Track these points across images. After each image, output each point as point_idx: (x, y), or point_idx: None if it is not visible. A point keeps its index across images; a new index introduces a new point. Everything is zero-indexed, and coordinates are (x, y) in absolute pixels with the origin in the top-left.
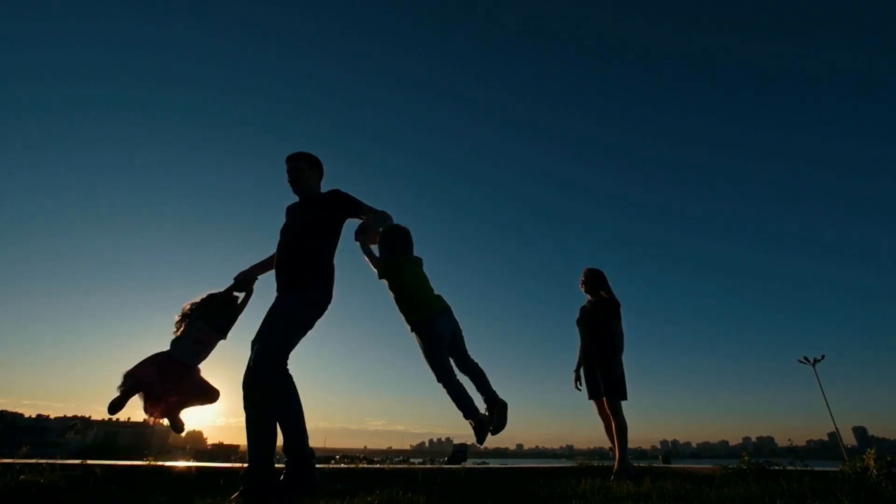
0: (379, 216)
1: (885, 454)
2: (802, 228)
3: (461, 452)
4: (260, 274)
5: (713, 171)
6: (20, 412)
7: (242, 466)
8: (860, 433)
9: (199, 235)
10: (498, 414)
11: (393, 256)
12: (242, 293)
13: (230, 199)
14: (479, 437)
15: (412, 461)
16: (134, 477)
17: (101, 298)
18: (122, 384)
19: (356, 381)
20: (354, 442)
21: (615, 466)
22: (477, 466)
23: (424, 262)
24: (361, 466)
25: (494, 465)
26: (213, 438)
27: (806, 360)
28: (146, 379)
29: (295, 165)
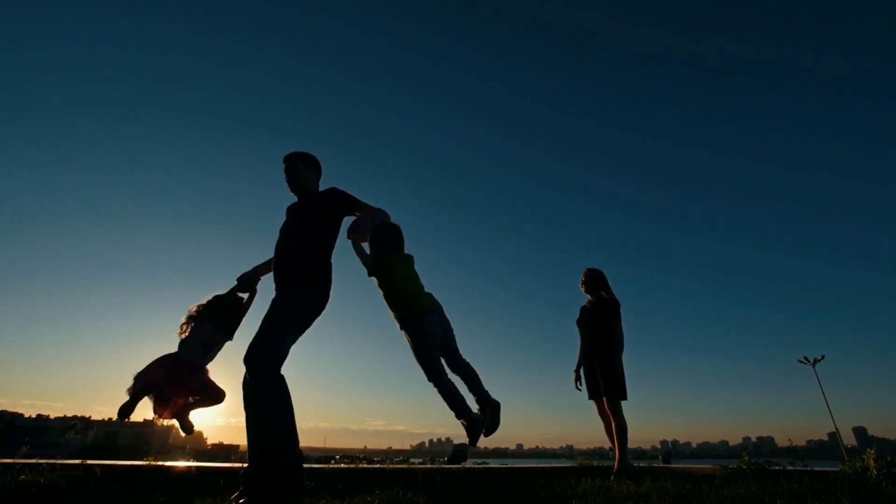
0: (374, 214)
1: (885, 454)
2: (802, 228)
3: (461, 452)
4: (263, 274)
5: (713, 171)
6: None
7: (242, 466)
8: (860, 433)
9: (199, 235)
10: (491, 414)
11: (383, 254)
12: (246, 294)
13: (230, 199)
14: (471, 437)
15: (412, 461)
16: (134, 477)
17: (101, 298)
18: (131, 387)
19: (356, 381)
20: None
21: (615, 466)
22: (477, 466)
23: (425, 261)
24: (361, 466)
25: (494, 465)
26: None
27: (806, 360)
28: (155, 381)
29: (292, 165)
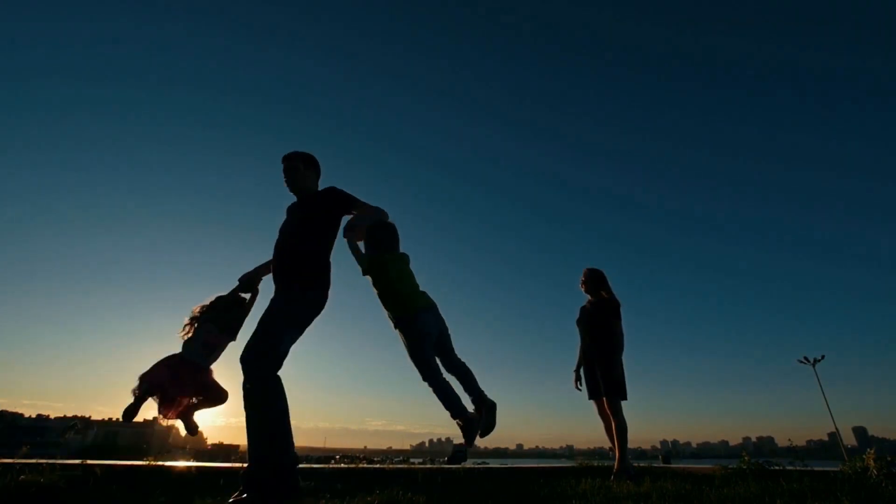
0: (372, 212)
1: (885, 454)
2: (802, 228)
3: (461, 452)
4: (264, 275)
5: (713, 171)
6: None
7: (242, 466)
8: (860, 433)
9: (199, 235)
10: (487, 414)
11: (378, 253)
12: (248, 294)
13: (230, 199)
14: (467, 437)
15: (412, 461)
16: (134, 477)
17: (101, 298)
18: (136, 387)
19: (356, 381)
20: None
21: (615, 466)
22: (477, 466)
23: (425, 261)
24: (361, 466)
25: (494, 465)
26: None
27: (806, 360)
28: (160, 381)
29: (290, 165)
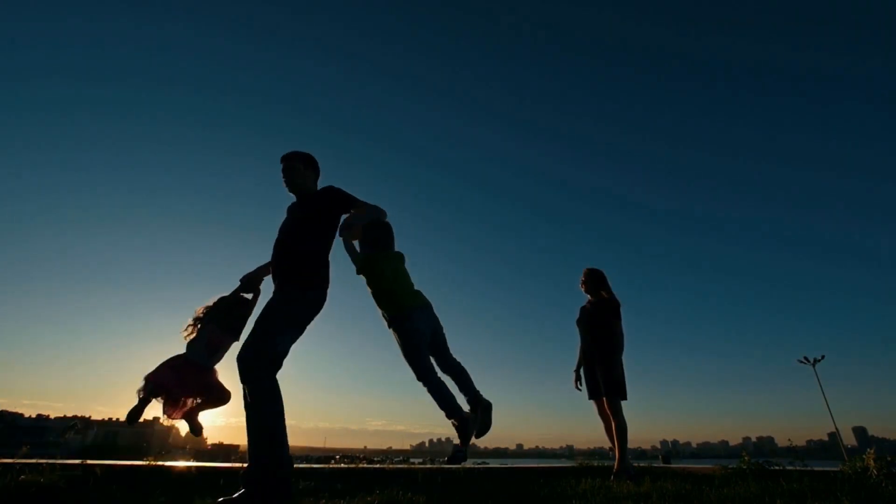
0: (371, 211)
1: (885, 454)
2: (802, 228)
3: (461, 452)
4: (266, 275)
5: (713, 170)
6: (20, 412)
7: (242, 466)
8: (860, 433)
9: (199, 235)
10: (482, 415)
11: (373, 251)
12: (250, 294)
13: (230, 199)
14: (462, 437)
15: (412, 461)
16: (134, 477)
17: (101, 298)
18: (141, 388)
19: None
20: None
21: (615, 466)
22: (477, 466)
23: (425, 261)
24: (361, 466)
25: (494, 465)
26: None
27: (806, 360)
28: (165, 382)
29: (289, 165)
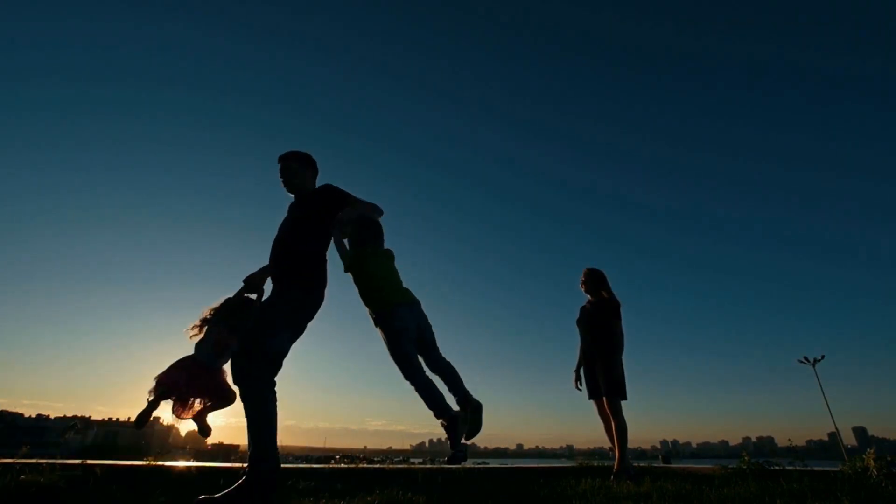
0: (366, 208)
1: (885, 454)
2: (802, 228)
3: (461, 453)
4: (269, 276)
5: (713, 170)
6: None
7: (243, 466)
8: (860, 433)
9: (199, 235)
10: (472, 415)
11: (362, 249)
12: (254, 295)
13: (230, 199)
14: (452, 437)
15: (412, 461)
16: (134, 477)
17: (101, 298)
18: (152, 389)
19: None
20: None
21: (615, 466)
22: (477, 466)
23: (425, 261)
24: (361, 466)
25: (494, 465)
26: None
27: (806, 360)
28: (175, 383)
29: (286, 165)
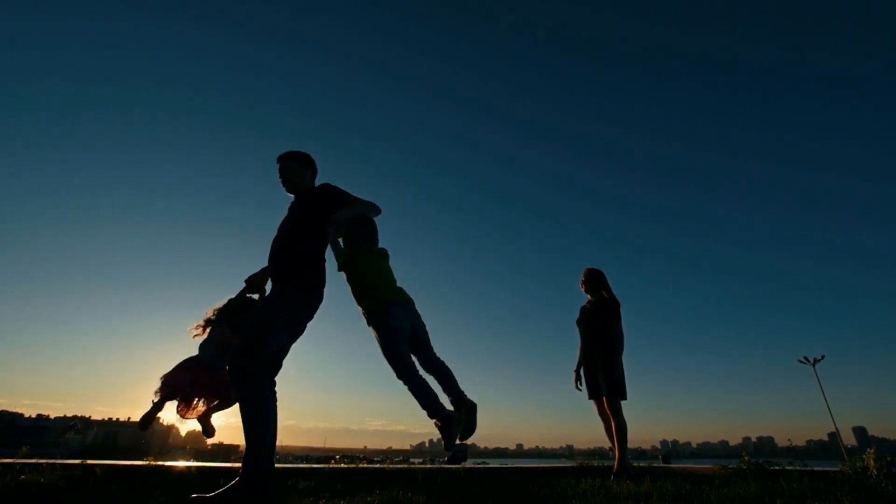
0: (361, 207)
1: (885, 454)
2: (802, 228)
3: (461, 452)
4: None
5: (713, 171)
6: (20, 412)
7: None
8: (860, 433)
9: (199, 235)
10: (467, 416)
11: (355, 247)
12: (256, 295)
13: (230, 199)
14: (446, 437)
15: (412, 461)
16: (134, 477)
17: (101, 298)
18: (158, 390)
19: (356, 381)
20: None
21: (615, 466)
22: (477, 466)
23: (425, 261)
24: (361, 466)
25: (494, 465)
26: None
27: (806, 360)
28: (181, 384)
29: (284, 165)
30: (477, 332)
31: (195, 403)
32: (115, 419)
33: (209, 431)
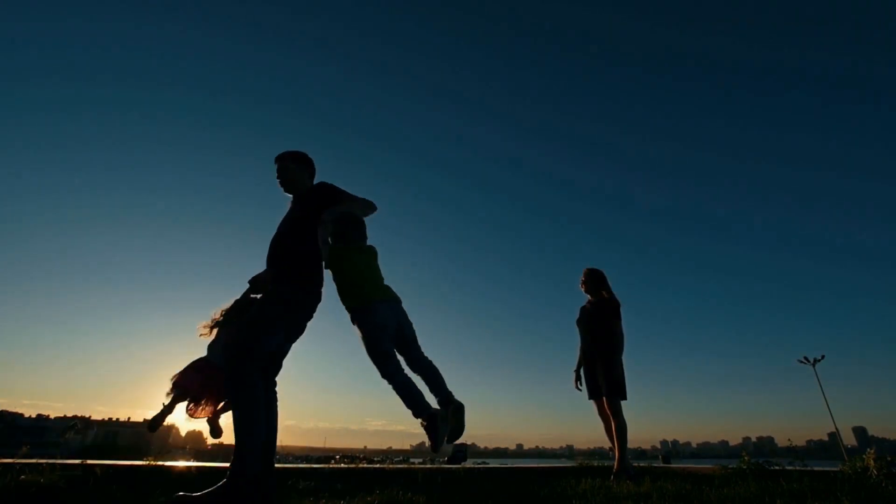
0: (355, 205)
1: (885, 454)
2: (802, 228)
3: (461, 452)
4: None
5: (713, 171)
6: (20, 412)
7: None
8: (860, 433)
9: (199, 235)
10: (454, 416)
11: (343, 245)
12: (259, 296)
13: (230, 199)
14: (432, 438)
15: (412, 461)
16: (134, 477)
17: (101, 298)
18: (169, 391)
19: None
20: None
21: (615, 466)
22: (477, 466)
23: (425, 261)
24: (361, 466)
25: (494, 465)
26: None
27: (806, 360)
28: (192, 385)
29: (282, 165)
30: (477, 332)
31: (204, 404)
32: (115, 419)
33: (217, 432)
